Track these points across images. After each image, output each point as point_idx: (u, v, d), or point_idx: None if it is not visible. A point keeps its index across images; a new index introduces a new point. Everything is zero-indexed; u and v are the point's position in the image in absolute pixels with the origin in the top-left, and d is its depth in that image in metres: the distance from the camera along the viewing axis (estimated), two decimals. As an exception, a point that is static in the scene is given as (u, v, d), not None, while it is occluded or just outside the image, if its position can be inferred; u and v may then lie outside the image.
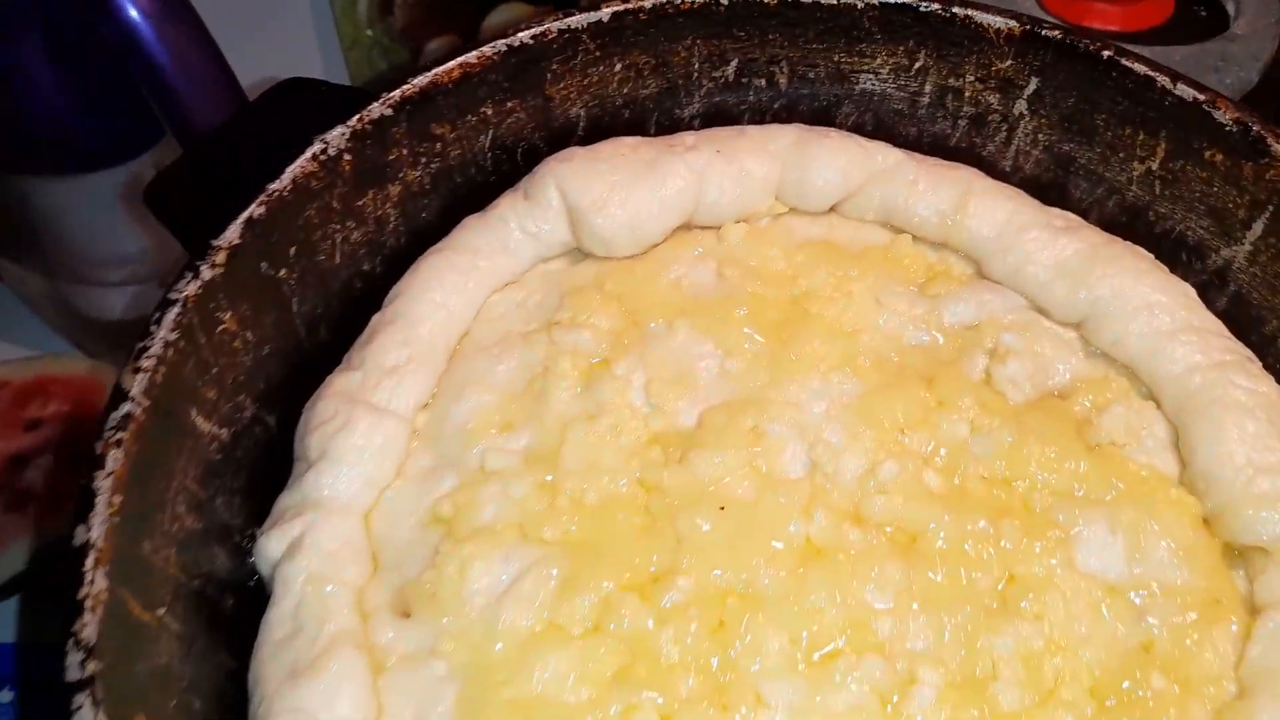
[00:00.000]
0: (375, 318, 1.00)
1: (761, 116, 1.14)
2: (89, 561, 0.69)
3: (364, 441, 0.90)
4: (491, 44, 1.00)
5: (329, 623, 0.81)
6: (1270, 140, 0.90)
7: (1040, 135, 1.05)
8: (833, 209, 1.10)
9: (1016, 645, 0.79)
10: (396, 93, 0.96)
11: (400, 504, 0.91)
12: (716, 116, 1.13)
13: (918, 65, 1.06)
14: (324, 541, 0.85)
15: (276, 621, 0.82)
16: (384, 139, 0.97)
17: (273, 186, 0.89)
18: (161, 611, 0.75)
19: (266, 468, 0.92)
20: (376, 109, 0.95)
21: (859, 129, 1.13)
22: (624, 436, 0.92)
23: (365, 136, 0.95)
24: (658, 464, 0.90)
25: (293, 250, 0.93)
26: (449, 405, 0.96)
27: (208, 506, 0.83)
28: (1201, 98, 0.94)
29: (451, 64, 0.98)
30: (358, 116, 0.94)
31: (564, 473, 0.89)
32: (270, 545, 0.86)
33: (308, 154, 0.91)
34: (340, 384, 0.95)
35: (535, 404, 0.94)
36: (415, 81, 0.97)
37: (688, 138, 1.08)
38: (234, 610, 0.84)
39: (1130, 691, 0.77)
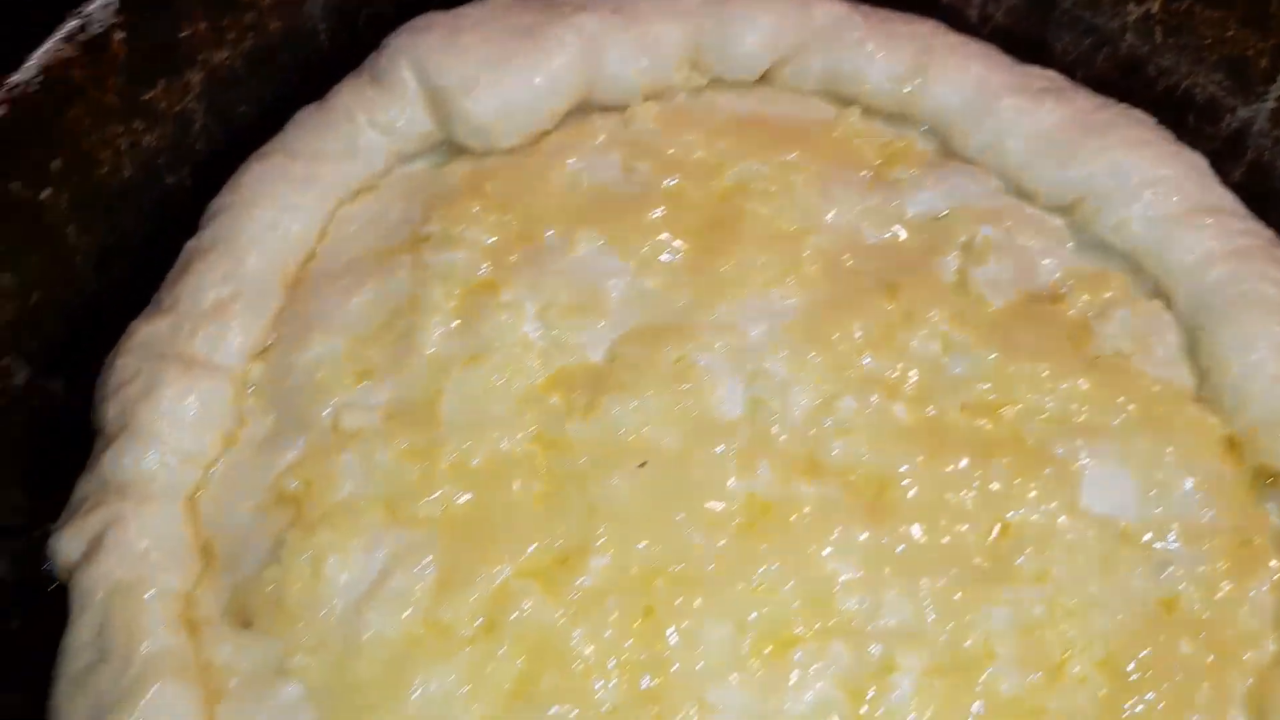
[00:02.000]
0: (189, 244, 0.83)
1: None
2: None
3: (175, 406, 0.75)
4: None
5: (142, 643, 0.68)
6: (1305, -36, 0.76)
7: (1012, -26, 0.90)
8: (764, 78, 0.93)
9: (1013, 614, 0.69)
10: (182, -61, 0.76)
11: (234, 481, 0.78)
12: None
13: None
14: (131, 539, 0.71)
15: (76, 648, 0.69)
16: (170, 8, 0.78)
17: (14, 79, 0.70)
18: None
19: (56, 446, 0.75)
20: (155, -37, 0.75)
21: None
22: (516, 380, 0.78)
23: (141, 6, 0.75)
24: (560, 414, 0.76)
25: (57, 163, 0.75)
26: (290, 353, 0.80)
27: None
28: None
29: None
30: (126, -23, 0.75)
31: (441, 431, 0.76)
32: (65, 545, 0.72)
33: (61, 33, 0.73)
34: (146, 333, 0.78)
35: (399, 345, 0.79)
36: (210, -75, 0.77)
37: (577, -9, 0.91)
38: (22, 632, 0.68)
39: (1153, 661, 0.67)
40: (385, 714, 0.65)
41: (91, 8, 0.75)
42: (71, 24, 0.74)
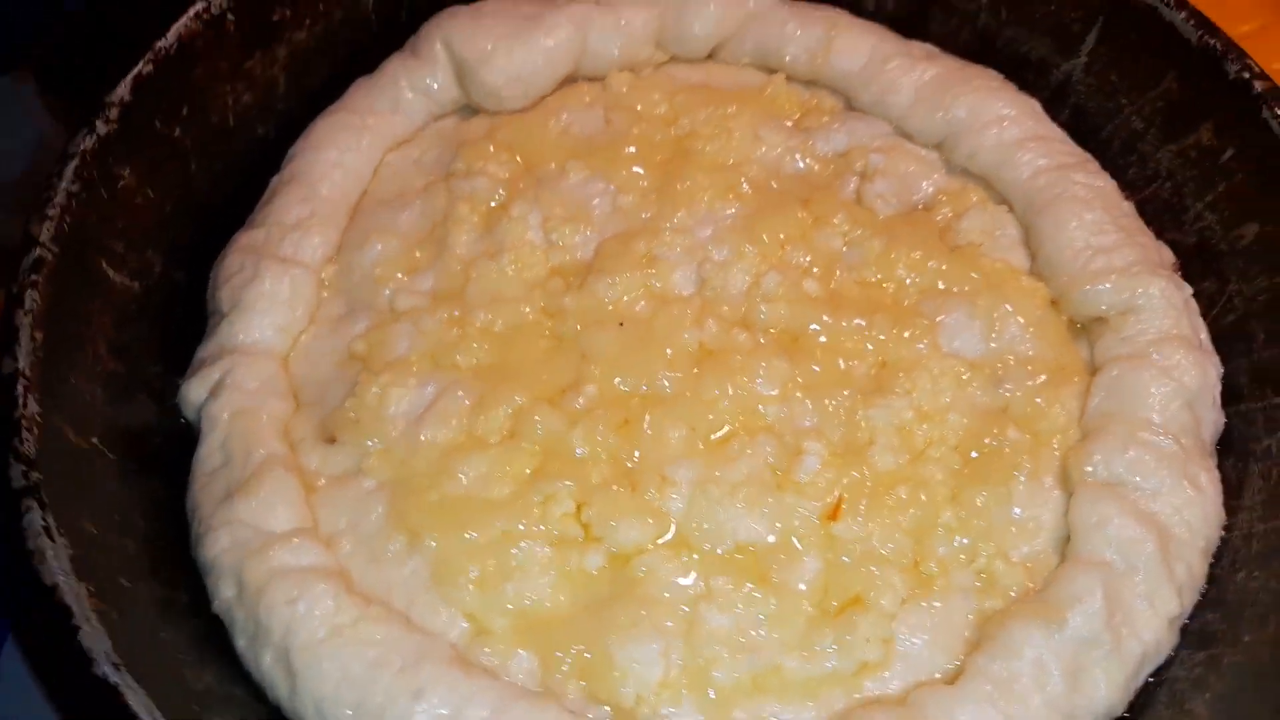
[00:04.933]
0: (274, 180, 1.06)
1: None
2: (19, 388, 0.74)
3: (273, 289, 0.97)
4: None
5: (258, 449, 0.88)
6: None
7: (897, -27, 1.14)
8: (711, 56, 1.18)
9: (890, 416, 0.91)
10: (272, -49, 1.00)
11: (316, 347, 0.99)
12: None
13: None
14: (245, 381, 0.92)
15: (206, 456, 0.90)
16: (266, -1, 1.01)
17: (160, 44, 0.93)
18: (95, 440, 0.81)
19: (182, 323, 0.98)
20: (255, -35, 0.99)
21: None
22: (526, 271, 1.00)
23: (247, -6, 0.99)
24: (559, 292, 0.99)
25: (185, 110, 0.98)
26: (354, 255, 1.03)
27: (126, 351, 0.89)
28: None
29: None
30: (238, -27, 0.98)
31: (471, 306, 0.98)
32: (193, 390, 0.93)
33: (191, 13, 0.96)
34: (247, 239, 1.01)
35: (438, 247, 1.02)
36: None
37: (567, -10, 1.14)
38: (163, 448, 0.90)
39: (990, 445, 0.90)
40: (438, 493, 0.87)
41: (214, -7, 0.99)
42: (199, 5, 0.96)
